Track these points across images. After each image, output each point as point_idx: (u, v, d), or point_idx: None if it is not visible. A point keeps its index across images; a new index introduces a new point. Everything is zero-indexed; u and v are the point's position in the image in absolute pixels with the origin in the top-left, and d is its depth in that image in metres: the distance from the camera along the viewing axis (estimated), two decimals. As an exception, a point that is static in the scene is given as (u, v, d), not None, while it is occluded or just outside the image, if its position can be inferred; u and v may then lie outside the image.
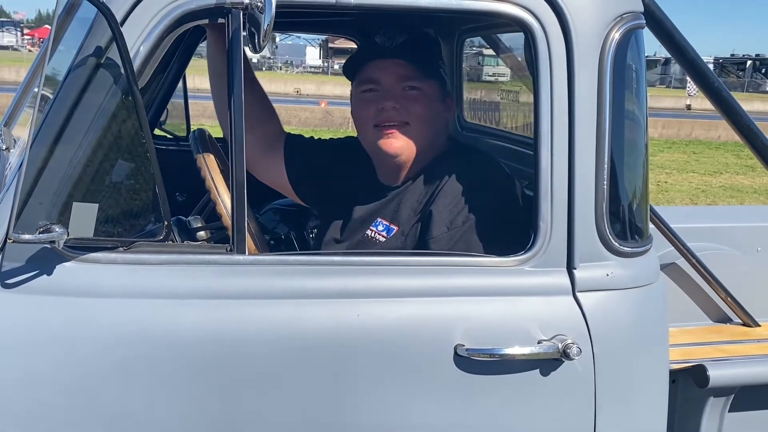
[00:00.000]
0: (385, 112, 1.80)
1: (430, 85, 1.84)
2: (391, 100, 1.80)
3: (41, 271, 1.43)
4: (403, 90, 1.81)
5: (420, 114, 1.81)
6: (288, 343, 1.50)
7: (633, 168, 1.76)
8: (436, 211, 1.74)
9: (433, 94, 1.84)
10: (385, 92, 1.81)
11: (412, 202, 1.82)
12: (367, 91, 1.85)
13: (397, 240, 1.79)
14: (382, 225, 1.83)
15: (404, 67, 1.81)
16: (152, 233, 1.47)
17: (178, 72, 2.82)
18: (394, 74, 1.81)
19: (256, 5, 1.41)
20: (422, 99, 1.81)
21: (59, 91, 1.43)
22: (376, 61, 1.84)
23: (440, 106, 1.87)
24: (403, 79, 1.81)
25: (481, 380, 1.55)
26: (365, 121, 1.85)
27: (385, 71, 1.82)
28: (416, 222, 1.79)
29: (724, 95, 2.06)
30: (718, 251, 2.56)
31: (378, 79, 1.83)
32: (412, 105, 1.80)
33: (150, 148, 1.40)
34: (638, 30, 1.66)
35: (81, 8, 1.80)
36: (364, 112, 1.85)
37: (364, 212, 1.89)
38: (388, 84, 1.81)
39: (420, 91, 1.81)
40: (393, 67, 1.81)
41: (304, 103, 18.78)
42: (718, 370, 1.89)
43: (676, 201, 9.32)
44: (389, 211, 1.84)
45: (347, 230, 1.90)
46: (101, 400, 1.44)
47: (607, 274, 1.62)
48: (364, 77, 1.86)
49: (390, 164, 1.86)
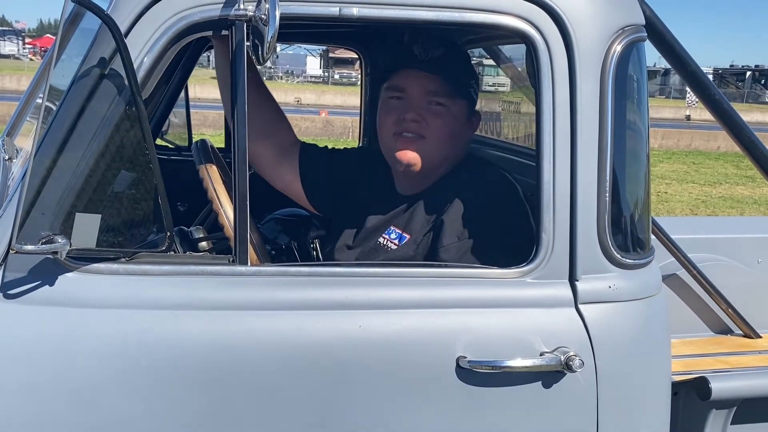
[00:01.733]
0: (405, 122, 1.81)
1: (456, 104, 1.84)
2: (413, 111, 1.81)
3: (43, 282, 1.43)
4: (428, 104, 1.82)
5: (439, 130, 1.81)
6: (290, 354, 1.49)
7: (635, 180, 1.77)
8: (448, 221, 1.74)
9: (458, 113, 1.85)
10: (410, 102, 1.82)
11: (426, 212, 1.82)
12: (393, 98, 1.86)
13: (408, 248, 1.80)
14: (395, 233, 1.83)
15: (434, 81, 1.81)
16: (154, 244, 1.47)
17: (181, 82, 2.83)
18: (422, 87, 1.81)
19: (260, 17, 1.42)
20: (445, 116, 1.82)
21: (63, 102, 1.43)
22: (408, 70, 1.84)
23: (464, 124, 1.88)
24: (429, 94, 1.81)
25: (483, 392, 1.55)
26: (386, 127, 1.86)
27: (413, 81, 1.83)
28: (429, 231, 1.79)
29: (725, 107, 2.06)
30: (719, 262, 2.56)
31: (405, 88, 1.84)
32: (434, 119, 1.81)
33: (153, 159, 1.41)
34: (640, 42, 1.67)
35: (85, 19, 1.81)
36: (387, 117, 1.86)
37: (377, 220, 1.90)
38: (413, 95, 1.82)
39: (444, 107, 1.82)
40: (422, 79, 1.82)
41: (304, 112, 18.82)
42: (720, 382, 1.88)
43: (676, 211, 9.32)
44: (403, 220, 1.85)
45: (360, 237, 1.91)
46: (102, 410, 1.44)
47: (610, 286, 1.62)
48: (393, 83, 1.87)
49: (403, 173, 1.87)
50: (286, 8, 1.45)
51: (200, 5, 1.46)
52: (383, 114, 1.88)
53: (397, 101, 1.85)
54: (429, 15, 1.55)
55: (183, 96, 2.94)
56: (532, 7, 1.56)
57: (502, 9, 1.56)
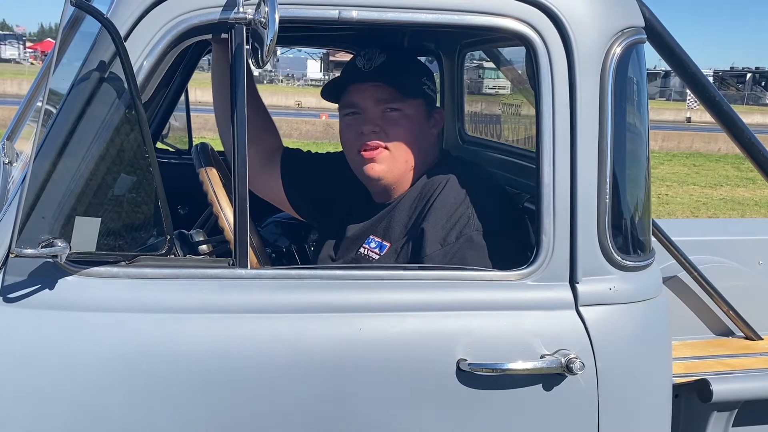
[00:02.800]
0: (365, 136, 1.80)
1: (411, 105, 1.82)
2: (370, 124, 1.80)
3: (43, 286, 1.43)
4: (383, 113, 1.80)
5: (401, 137, 1.80)
6: (289, 358, 1.49)
7: (635, 181, 1.77)
8: (428, 228, 1.72)
9: (417, 113, 1.83)
10: (365, 116, 1.81)
11: (404, 218, 1.80)
12: (348, 114, 1.85)
13: (390, 257, 1.78)
14: (374, 242, 1.82)
15: (381, 89, 1.80)
16: (154, 247, 1.47)
17: (181, 85, 2.83)
18: (372, 98, 1.80)
19: (259, 21, 1.42)
20: (403, 120, 1.81)
21: (62, 105, 1.43)
22: (356, 84, 1.84)
23: (426, 123, 1.86)
24: (381, 102, 1.80)
25: (484, 395, 1.55)
26: (349, 146, 1.86)
27: (363, 94, 1.81)
28: (408, 239, 1.77)
29: (726, 109, 2.06)
30: (720, 264, 2.56)
31: (357, 103, 1.83)
32: (392, 128, 1.80)
33: (153, 163, 1.41)
34: (639, 45, 1.67)
35: (85, 23, 1.81)
36: (347, 135, 1.86)
37: (357, 230, 1.88)
38: (366, 107, 1.81)
39: (400, 112, 1.80)
40: (371, 90, 1.80)
41: (305, 115, 18.84)
42: (721, 384, 1.88)
43: (677, 213, 9.32)
44: (381, 228, 1.83)
45: (341, 247, 1.90)
46: (102, 414, 1.44)
47: (610, 288, 1.61)
48: (345, 101, 1.87)
49: (376, 187, 1.86)
50: (285, 11, 1.45)
51: (200, 8, 1.46)
52: (344, 133, 1.88)
53: (352, 117, 1.84)
54: (428, 18, 1.55)
55: (183, 99, 2.94)
56: (532, 10, 1.56)
57: (501, 12, 1.56)
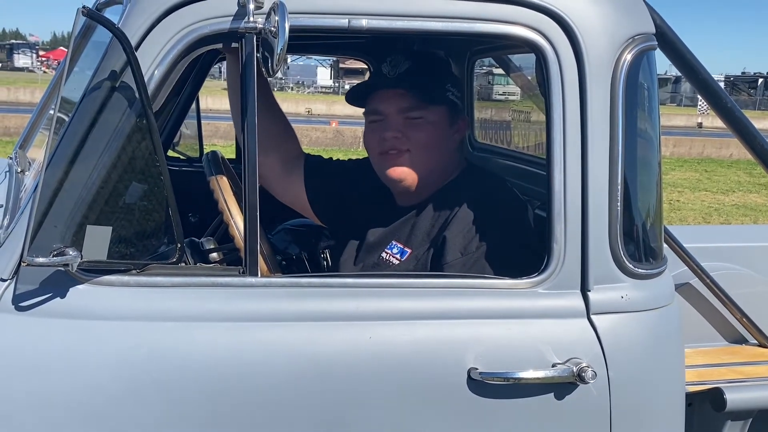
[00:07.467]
0: (386, 140, 1.83)
1: (434, 112, 1.84)
2: (391, 130, 1.83)
3: (54, 294, 1.43)
4: (405, 119, 1.83)
5: (422, 141, 1.82)
6: (300, 366, 1.49)
7: (646, 188, 1.76)
8: (450, 237, 1.74)
9: (440, 120, 1.85)
10: (388, 122, 1.84)
11: (426, 226, 1.82)
12: (373, 121, 1.88)
13: (410, 263, 1.80)
14: (396, 247, 1.84)
15: (405, 97, 1.82)
16: (165, 255, 1.47)
17: (192, 94, 2.84)
18: (395, 105, 1.83)
19: (269, 30, 1.42)
20: (425, 126, 1.82)
21: (74, 114, 1.44)
22: (380, 91, 1.87)
23: (448, 129, 1.88)
24: (403, 110, 1.82)
25: (495, 404, 1.54)
26: (372, 149, 1.90)
27: (386, 102, 1.84)
28: (430, 246, 1.79)
29: (737, 115, 2.05)
30: (733, 271, 2.53)
31: (380, 110, 1.85)
32: (414, 133, 1.82)
33: (164, 172, 1.41)
34: (650, 51, 1.66)
35: (96, 32, 1.82)
36: (370, 139, 1.89)
37: (379, 234, 1.90)
38: (389, 114, 1.84)
39: (422, 119, 1.82)
40: (394, 97, 1.83)
41: (315, 123, 18.89)
42: (735, 393, 1.86)
43: (688, 220, 9.26)
44: (404, 233, 1.85)
45: (363, 251, 1.91)
46: (113, 422, 1.44)
47: (622, 296, 1.60)
48: (369, 108, 1.90)
49: (398, 188, 1.88)
50: (295, 21, 1.45)
51: (210, 18, 1.46)
52: (368, 138, 1.91)
53: (377, 123, 1.87)
54: (439, 26, 1.55)
55: (194, 107, 2.96)
56: (542, 18, 1.56)
57: (512, 19, 1.56)
